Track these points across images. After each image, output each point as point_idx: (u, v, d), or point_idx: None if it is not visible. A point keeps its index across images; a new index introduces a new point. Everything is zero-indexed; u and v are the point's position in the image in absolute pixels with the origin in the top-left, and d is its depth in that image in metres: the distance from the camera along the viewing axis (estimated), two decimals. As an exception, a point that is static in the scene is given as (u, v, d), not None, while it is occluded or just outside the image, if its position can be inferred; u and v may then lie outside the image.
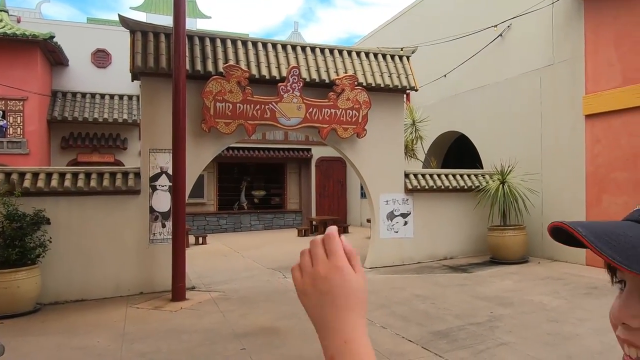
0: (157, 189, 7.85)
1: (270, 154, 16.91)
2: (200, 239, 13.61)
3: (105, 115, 14.38)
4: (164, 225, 7.83)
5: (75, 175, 7.43)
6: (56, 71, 14.80)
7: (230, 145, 16.59)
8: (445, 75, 11.83)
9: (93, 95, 14.80)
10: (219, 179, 16.92)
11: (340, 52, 8.98)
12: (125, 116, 14.62)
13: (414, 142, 11.19)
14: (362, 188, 17.00)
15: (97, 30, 15.87)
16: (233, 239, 14.73)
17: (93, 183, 7.38)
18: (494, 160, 10.38)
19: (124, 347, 5.09)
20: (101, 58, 15.46)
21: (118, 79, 14.78)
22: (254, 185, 18.61)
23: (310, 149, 17.57)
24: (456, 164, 12.43)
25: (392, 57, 9.33)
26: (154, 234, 7.81)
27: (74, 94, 14.60)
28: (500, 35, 10.39)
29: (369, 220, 13.71)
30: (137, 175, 7.77)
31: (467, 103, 11.55)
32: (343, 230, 14.95)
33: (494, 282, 7.57)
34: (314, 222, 15.35)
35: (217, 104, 7.81)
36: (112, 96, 14.94)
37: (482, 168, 10.87)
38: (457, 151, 13.39)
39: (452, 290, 7.18)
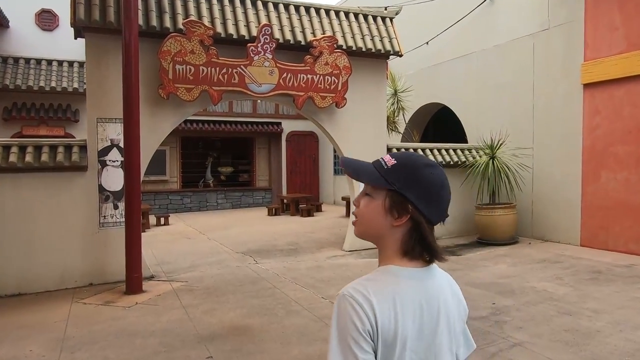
0: (108, 165, 6.78)
1: (238, 127, 15.82)
2: (162, 220, 12.55)
3: (53, 84, 12.90)
4: (116, 207, 6.81)
5: (6, 148, 6.28)
6: (-6, 33, 13.19)
7: (194, 119, 15.49)
8: (427, 43, 11.00)
9: (39, 62, 13.23)
10: (182, 155, 15.76)
11: (318, 10, 7.99)
12: (76, 85, 13.20)
13: (396, 114, 10.38)
14: (335, 164, 16.17)
15: (41, -13, 14.21)
16: (198, 218, 13.72)
17: (29, 158, 6.26)
18: (480, 135, 9.70)
19: (62, 357, 4.14)
20: (47, 20, 13.90)
21: (67, 43, 13.22)
22: (220, 161, 17.53)
23: (280, 123, 16.56)
24: (436, 138, 11.74)
25: (375, 18, 8.41)
26: (104, 216, 6.78)
27: (16, 60, 13.00)
28: (489, -3, 9.61)
29: (344, 198, 12.97)
30: (83, 148, 6.68)
31: (450, 73, 10.78)
32: (316, 208, 14.15)
33: (487, 266, 6.93)
34: (285, 200, 14.49)
35: (176, 66, 6.74)
36: (60, 62, 13.41)
37: (467, 143, 10.21)
38: (438, 124, 12.69)
39: (443, 276, 6.49)
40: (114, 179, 6.77)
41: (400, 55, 8.45)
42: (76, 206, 6.56)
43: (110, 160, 6.79)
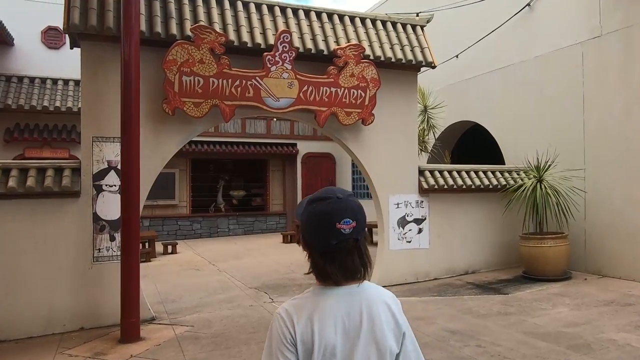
0: (104, 190, 5.92)
1: (251, 149, 15.01)
2: (170, 248, 11.65)
3: (58, 104, 12.24)
4: (113, 238, 5.91)
5: (-13, 171, 5.46)
6: (-2, 51, 12.65)
7: (205, 139, 14.73)
8: (457, 56, 10.14)
9: (43, 81, 12.60)
10: (192, 178, 14.94)
11: (342, 17, 7.17)
12: (81, 105, 12.50)
13: (425, 132, 9.45)
14: (354, 187, 15.23)
15: (49, 4, 13.68)
16: (208, 246, 12.80)
17: (12, 182, 5.42)
18: (519, 155, 8.73)
19: None
20: (54, 37, 13.34)
21: (74, 62, 12.60)
22: (232, 184, 16.69)
23: (295, 144, 15.73)
24: (463, 159, 10.75)
25: (404, 26, 7.57)
26: (99, 249, 5.88)
27: (20, 78, 12.38)
28: (529, 4, 8.73)
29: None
30: (76, 171, 5.84)
31: (483, 88, 9.87)
32: (334, 235, 13.16)
33: (545, 310, 5.87)
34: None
35: (183, 77, 5.92)
36: (66, 81, 12.77)
37: (503, 164, 9.23)
38: (466, 144, 11.72)
39: (494, 322, 5.44)
40: (111, 206, 5.89)
41: (434, 67, 7.57)
42: (66, 238, 5.69)
43: (106, 185, 5.93)
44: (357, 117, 6.97)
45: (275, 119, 14.77)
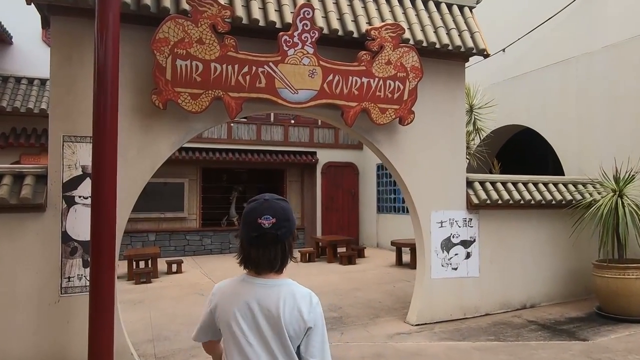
0: (77, 203, 4.70)
1: (267, 157, 13.77)
2: (174, 266, 10.41)
3: (57, 106, 11.22)
4: (87, 264, 4.66)
5: None
6: (-5, 50, 11.72)
7: (217, 147, 13.56)
8: (503, 50, 8.77)
9: (43, 82, 11.61)
10: (203, 188, 13.75)
11: (374, -6, 5.90)
12: (50, 95, 11.43)
13: (472, 136, 8.07)
14: (379, 200, 13.84)
15: (52, 1, 12.76)
16: (218, 264, 11.52)
17: (-46, 192, 4.23)
18: (585, 165, 7.29)
19: None
20: (56, 36, 12.35)
21: (77, 62, 11.68)
22: (246, 196, 15.43)
23: (315, 153, 14.44)
24: (509, 170, 9.34)
25: (450, 6, 6.25)
26: (69, 278, 4.65)
27: (18, 79, 11.39)
28: (595, -15, 7.36)
29: (395, 243, 10.60)
30: (41, 179, 4.65)
31: (536, 86, 8.47)
32: (357, 254, 11.77)
33: (649, 367, 4.41)
34: (321, 244, 12.17)
35: (177, 61, 4.69)
36: (67, 83, 11.78)
37: (564, 174, 7.79)
38: (509, 153, 10.27)
39: (585, 386, 4.01)
40: (86, 223, 4.63)
41: (486, 55, 6.22)
42: (27, 263, 4.47)
43: (80, 197, 4.71)
44: (393, 115, 5.65)
45: (292, 119, 13.39)
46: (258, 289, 1.58)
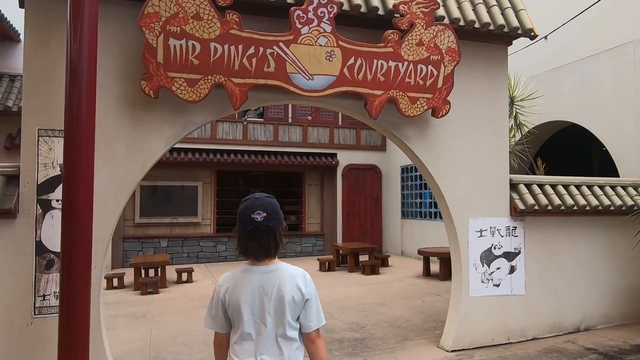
0: (54, 208, 4.01)
1: (285, 159, 13.03)
2: (184, 275, 9.72)
3: (65, 106, 10.73)
4: (65, 279, 3.96)
5: None
6: (2, 48, 11.28)
7: (232, 148, 12.87)
8: (545, 38, 7.84)
9: (52, 81, 11.17)
10: (217, 192, 13.08)
11: (403, -34, 5.08)
12: (23, 83, 10.90)
13: (511, 132, 7.16)
14: (403, 205, 12.95)
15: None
16: (232, 273, 10.80)
17: None
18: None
19: None
20: (65, 33, 11.89)
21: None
22: (263, 200, 14.72)
23: (335, 154, 13.65)
24: (552, 169, 8.39)
25: (490, -20, 5.41)
26: (43, 296, 3.96)
27: (26, 78, 10.97)
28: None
29: (422, 252, 9.72)
30: (12, 180, 3.99)
31: (584, 77, 7.53)
32: (381, 263, 10.92)
33: None
34: (342, 251, 11.36)
35: (170, 41, 3.97)
36: (76, 82, 11.29)
37: (618, 176, 6.83)
38: (553, 151, 9.28)
39: None
40: (64, 231, 3.95)
41: (533, 37, 5.35)
42: (-7, 279, 3.80)
43: (58, 201, 4.01)
44: (425, 106, 4.82)
45: (308, 116, 12.54)
46: (260, 275, 1.90)
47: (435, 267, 10.27)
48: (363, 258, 11.33)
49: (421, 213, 12.31)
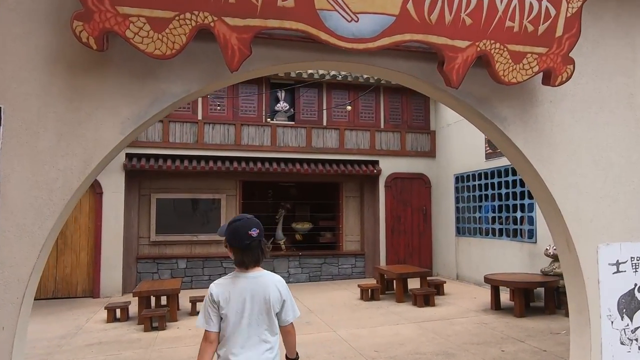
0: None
1: (319, 168, 11.36)
2: (200, 305, 8.10)
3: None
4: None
5: None
6: None
7: (258, 156, 11.33)
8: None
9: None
10: (243, 206, 11.52)
11: None
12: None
13: None
14: (458, 220, 11.02)
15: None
16: (257, 301, 9.12)
17: None
18: None
19: None
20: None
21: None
22: (295, 215, 13.10)
23: (377, 162, 11.88)
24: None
25: None
26: None
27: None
28: None
29: (490, 280, 7.81)
30: None
31: None
32: (436, 290, 9.00)
33: None
34: (386, 276, 9.52)
35: (119, -48, 2.37)
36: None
37: None
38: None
39: None
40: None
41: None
42: None
43: (-56, 220, 2.44)
44: (536, 66, 3.03)
45: (348, 104, 10.55)
46: (250, 281, 2.32)
47: (505, 296, 8.31)
48: (412, 283, 9.48)
49: (481, 230, 10.35)
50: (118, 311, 7.77)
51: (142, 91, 2.74)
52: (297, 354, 2.54)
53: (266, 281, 2.34)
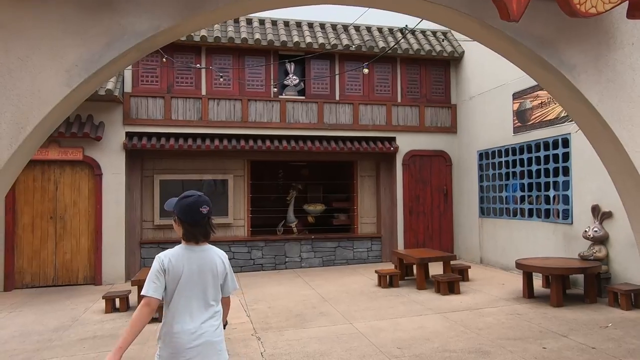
0: None
1: (332, 146, 10.64)
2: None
3: (64, 84, 8.82)
4: None
5: None
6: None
7: (267, 133, 10.57)
8: None
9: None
10: (251, 187, 10.88)
11: None
12: (101, 91, 8.93)
13: None
14: (482, 200, 10.27)
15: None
16: (266, 288, 8.52)
17: None
18: None
19: None
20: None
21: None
22: (307, 196, 12.45)
23: (394, 138, 11.12)
24: None
25: None
26: None
27: (21, 53, 9.17)
28: None
29: (522, 265, 7.08)
30: None
31: None
32: (461, 276, 8.29)
33: None
34: (405, 261, 8.84)
35: None
36: (80, 56, 9.38)
37: None
38: None
39: None
40: None
41: None
42: None
43: None
44: (623, -9, 2.27)
45: (365, 66, 9.63)
46: (199, 254, 2.47)
47: (537, 282, 7.59)
48: (434, 268, 8.80)
49: (508, 210, 9.58)
50: (117, 301, 7.24)
51: (95, 28, 2.04)
52: (226, 321, 2.74)
53: (213, 254, 2.52)
